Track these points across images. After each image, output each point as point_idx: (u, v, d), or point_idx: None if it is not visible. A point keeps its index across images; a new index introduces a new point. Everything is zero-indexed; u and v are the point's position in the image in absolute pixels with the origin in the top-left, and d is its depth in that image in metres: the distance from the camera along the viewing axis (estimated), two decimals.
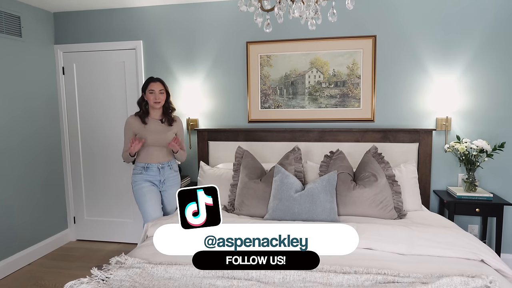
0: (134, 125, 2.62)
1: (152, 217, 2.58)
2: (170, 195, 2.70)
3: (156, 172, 2.63)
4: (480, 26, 2.85)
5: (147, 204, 2.59)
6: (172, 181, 2.72)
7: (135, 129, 2.61)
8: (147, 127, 2.62)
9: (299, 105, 3.17)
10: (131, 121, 2.64)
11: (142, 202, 2.60)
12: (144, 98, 2.64)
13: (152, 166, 2.63)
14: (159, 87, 2.60)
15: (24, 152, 3.20)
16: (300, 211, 2.33)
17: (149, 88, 2.59)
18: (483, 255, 1.78)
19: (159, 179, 2.66)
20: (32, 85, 3.29)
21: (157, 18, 3.35)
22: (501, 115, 2.89)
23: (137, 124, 2.62)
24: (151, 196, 2.61)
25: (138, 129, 2.60)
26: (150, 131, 2.61)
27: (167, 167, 2.69)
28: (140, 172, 2.63)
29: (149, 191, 2.62)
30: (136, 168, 2.66)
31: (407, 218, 2.44)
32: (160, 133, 2.63)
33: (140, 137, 2.57)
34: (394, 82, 3.02)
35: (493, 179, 2.93)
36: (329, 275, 1.59)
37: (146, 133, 2.59)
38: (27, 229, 3.23)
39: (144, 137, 2.57)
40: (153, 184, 2.64)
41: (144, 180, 2.62)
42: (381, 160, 2.57)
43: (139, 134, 2.60)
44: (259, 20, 1.60)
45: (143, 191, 2.60)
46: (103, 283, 1.58)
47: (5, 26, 2.99)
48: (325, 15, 2.66)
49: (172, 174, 2.72)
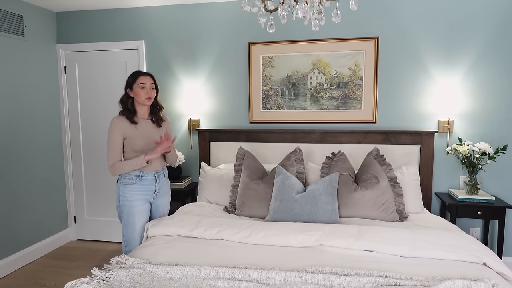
0: (123, 127, 2.22)
1: (136, 243, 2.26)
2: (161, 205, 2.41)
3: (151, 181, 2.29)
4: (483, 27, 2.84)
5: (135, 226, 2.26)
6: (165, 189, 2.44)
7: (125, 132, 2.22)
8: (139, 128, 2.26)
9: (300, 106, 3.17)
10: (119, 123, 2.22)
11: (128, 223, 2.26)
12: (129, 95, 2.27)
13: (147, 175, 2.27)
14: (150, 80, 2.27)
15: (25, 151, 3.20)
16: (301, 212, 2.32)
17: (138, 82, 2.23)
18: (485, 258, 1.77)
19: (154, 189, 2.32)
20: (34, 84, 3.29)
21: (159, 18, 3.35)
22: (504, 118, 2.88)
23: (126, 126, 2.23)
24: (141, 217, 2.28)
25: (129, 132, 2.23)
26: (142, 134, 2.26)
27: (162, 174, 2.39)
28: (133, 182, 2.23)
29: (141, 211, 2.27)
30: (127, 177, 2.24)
31: (409, 220, 2.43)
32: (153, 135, 2.31)
33: (131, 141, 2.22)
34: (396, 83, 3.01)
35: (495, 182, 2.92)
36: (330, 277, 1.59)
37: (138, 135, 2.24)
38: (27, 228, 3.23)
39: (136, 140, 2.23)
40: (145, 201, 2.30)
41: (136, 194, 2.25)
42: (382, 162, 2.56)
43: (130, 138, 2.23)
44: (262, 21, 1.59)
45: (133, 211, 2.25)
46: (103, 283, 1.58)
47: (8, 25, 2.99)
48: (328, 16, 2.68)
49: (165, 182, 2.44)
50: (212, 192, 2.86)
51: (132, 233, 2.27)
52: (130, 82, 2.27)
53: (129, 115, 2.25)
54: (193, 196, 3.35)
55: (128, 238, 2.28)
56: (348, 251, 1.90)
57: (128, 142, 2.23)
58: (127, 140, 2.23)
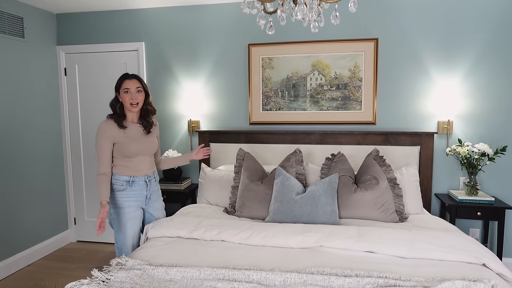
0: (111, 132, 2.14)
1: (128, 250, 2.20)
2: (154, 211, 2.35)
3: (142, 186, 2.23)
4: (483, 29, 2.85)
5: (127, 233, 2.20)
6: (157, 195, 2.38)
7: (113, 137, 2.14)
8: (128, 133, 2.17)
9: (300, 108, 3.17)
10: (107, 128, 2.14)
11: (120, 230, 2.20)
12: (118, 99, 2.19)
13: (138, 180, 2.21)
14: (135, 84, 2.16)
15: (25, 152, 3.20)
16: (301, 213, 2.32)
17: (123, 87, 2.14)
18: (485, 259, 1.77)
19: (146, 194, 2.25)
20: (34, 86, 3.29)
21: (159, 20, 3.36)
22: (503, 119, 2.88)
23: (115, 131, 2.15)
24: (133, 224, 2.21)
25: (118, 137, 2.14)
26: (132, 138, 2.18)
27: (153, 179, 2.32)
28: (123, 188, 2.16)
29: (133, 218, 2.21)
30: (116, 183, 2.17)
31: (408, 221, 2.43)
32: (144, 140, 2.23)
33: (121, 146, 2.14)
34: (395, 85, 3.02)
35: (494, 182, 2.92)
36: (330, 278, 1.59)
37: (127, 140, 2.16)
38: (27, 229, 3.23)
39: (126, 146, 2.15)
40: (137, 208, 2.23)
41: (127, 201, 2.19)
42: (382, 163, 2.56)
43: (119, 143, 2.14)
44: (261, 23, 1.60)
45: (125, 218, 2.18)
46: (103, 285, 1.58)
47: (8, 27, 3.00)
48: (327, 17, 2.68)
49: (156, 187, 2.37)
50: (212, 194, 2.86)
51: (124, 240, 2.20)
52: (117, 87, 2.19)
53: (117, 119, 2.17)
54: (193, 197, 3.35)
55: (120, 245, 2.22)
56: (348, 252, 1.90)
57: (118, 147, 2.15)
58: (117, 145, 2.15)
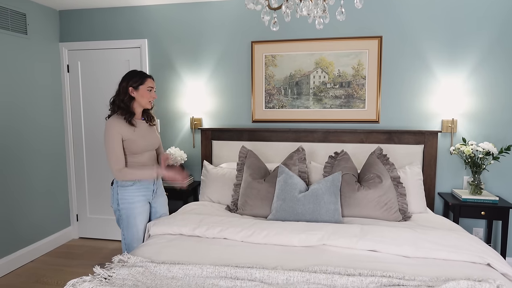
0: (121, 129, 2.12)
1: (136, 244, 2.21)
2: (159, 205, 2.38)
3: (150, 180, 2.26)
4: (488, 27, 2.82)
5: (138, 228, 2.22)
6: (161, 189, 2.41)
7: (123, 133, 2.13)
8: (136, 130, 2.19)
9: (303, 105, 3.16)
10: (117, 124, 2.12)
11: (129, 225, 2.20)
12: (131, 95, 2.17)
13: None
14: (154, 83, 2.26)
15: (27, 149, 3.20)
16: (303, 211, 2.31)
17: (147, 84, 2.19)
18: (489, 258, 1.76)
19: (153, 189, 2.29)
20: (37, 83, 3.29)
21: (162, 17, 3.35)
22: (508, 118, 2.86)
23: (124, 127, 2.14)
24: (142, 219, 2.24)
25: (127, 134, 2.14)
26: (140, 135, 2.20)
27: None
28: (132, 183, 2.19)
29: (142, 213, 2.24)
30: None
31: (412, 220, 2.42)
32: (149, 136, 2.28)
33: (130, 143, 2.16)
34: (399, 83, 3.00)
35: (499, 182, 2.90)
36: (333, 277, 1.58)
37: (135, 137, 2.17)
38: (30, 226, 3.23)
39: (135, 142, 2.17)
40: (145, 202, 2.27)
41: (137, 196, 2.21)
42: (385, 161, 2.55)
43: (128, 140, 2.15)
44: (266, 19, 1.58)
45: (134, 213, 2.20)
46: (105, 282, 1.57)
47: (11, 23, 2.99)
48: (332, 14, 2.66)
49: (160, 181, 2.40)
50: (214, 191, 2.85)
51: (135, 235, 2.22)
52: (138, 83, 2.17)
53: (128, 117, 2.15)
54: (195, 195, 3.34)
55: (130, 241, 2.22)
56: (351, 251, 1.89)
57: (127, 144, 2.15)
58: (126, 142, 2.15)
